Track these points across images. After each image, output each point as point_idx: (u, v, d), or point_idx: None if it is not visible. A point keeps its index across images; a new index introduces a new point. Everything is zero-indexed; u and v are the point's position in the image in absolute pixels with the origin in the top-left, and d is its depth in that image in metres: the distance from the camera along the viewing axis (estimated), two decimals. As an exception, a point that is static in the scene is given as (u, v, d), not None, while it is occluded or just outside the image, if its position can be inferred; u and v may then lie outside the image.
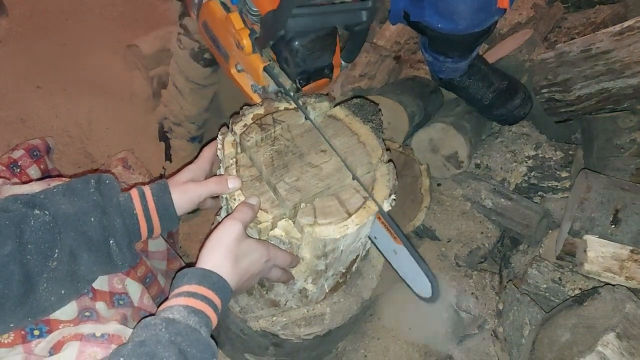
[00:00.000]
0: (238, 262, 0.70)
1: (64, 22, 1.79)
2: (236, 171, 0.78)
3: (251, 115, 0.85)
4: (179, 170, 0.84)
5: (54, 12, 1.82)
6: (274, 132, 0.83)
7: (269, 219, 0.74)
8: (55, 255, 0.64)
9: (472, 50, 1.20)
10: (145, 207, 0.73)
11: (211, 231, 0.72)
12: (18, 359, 0.62)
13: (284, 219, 0.76)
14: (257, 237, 0.76)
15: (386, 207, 0.78)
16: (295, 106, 0.87)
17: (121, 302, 0.74)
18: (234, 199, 0.76)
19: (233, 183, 0.78)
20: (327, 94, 1.53)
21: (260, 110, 0.86)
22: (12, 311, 0.63)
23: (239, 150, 0.81)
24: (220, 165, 0.82)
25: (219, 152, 0.82)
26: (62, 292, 0.67)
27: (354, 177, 0.80)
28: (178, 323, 0.60)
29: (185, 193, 0.76)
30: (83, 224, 0.67)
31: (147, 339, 0.58)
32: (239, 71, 0.97)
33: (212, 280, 0.66)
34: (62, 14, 1.82)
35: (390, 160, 0.83)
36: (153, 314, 0.78)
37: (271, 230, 0.75)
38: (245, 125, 0.83)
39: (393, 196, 0.79)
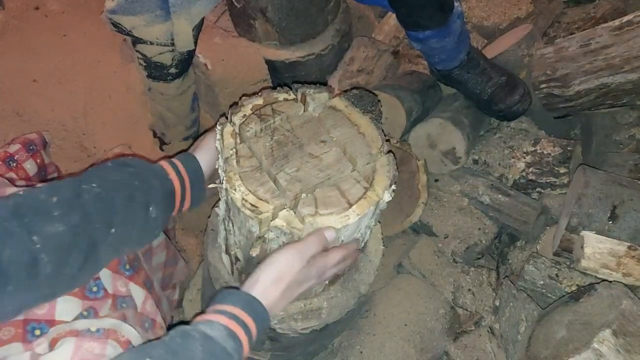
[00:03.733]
0: (289, 291, 0.71)
1: (60, 16, 1.78)
2: (236, 162, 0.78)
3: (250, 106, 0.84)
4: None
5: (50, 6, 1.81)
6: (274, 122, 0.83)
7: (270, 210, 0.73)
8: (115, 221, 0.66)
9: (443, 10, 1.16)
10: (178, 173, 0.76)
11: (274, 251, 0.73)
12: (26, 357, 0.62)
13: (285, 209, 0.75)
14: (258, 229, 0.75)
15: (387, 197, 0.78)
16: (295, 97, 0.87)
17: (124, 304, 0.74)
18: (234, 189, 0.74)
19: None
20: (327, 85, 1.53)
21: (259, 101, 0.85)
22: (72, 280, 0.65)
23: (238, 141, 0.81)
24: (219, 156, 0.81)
25: (217, 143, 0.81)
26: (110, 256, 0.69)
27: (354, 168, 0.80)
28: (216, 344, 0.60)
29: (204, 150, 0.81)
30: (131, 190, 0.68)
31: (181, 350, 0.58)
32: None
33: (257, 310, 0.66)
34: (59, 8, 1.81)
35: (390, 151, 0.83)
36: (155, 320, 0.78)
37: (272, 220, 0.74)
38: (244, 115, 0.83)
39: (393, 186, 0.79)
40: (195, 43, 1.19)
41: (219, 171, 0.80)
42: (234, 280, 0.92)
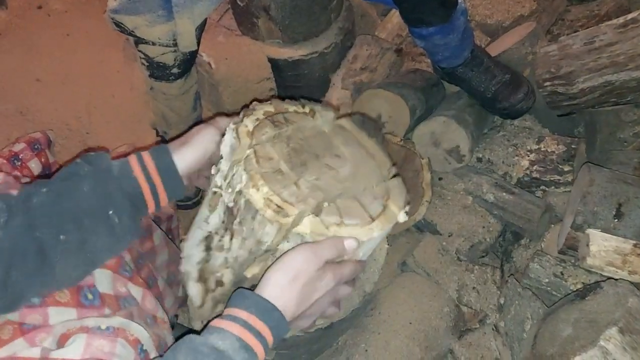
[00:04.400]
0: (304, 294, 0.65)
1: (63, 15, 1.78)
2: (255, 161, 0.72)
3: (262, 111, 0.81)
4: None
5: (53, 5, 1.81)
6: (287, 131, 0.79)
7: (295, 213, 0.68)
8: (65, 228, 0.64)
9: (446, 6, 1.15)
10: (144, 168, 0.70)
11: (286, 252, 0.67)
12: (35, 352, 0.62)
13: (310, 216, 0.68)
14: (273, 238, 0.69)
15: (402, 218, 0.75)
16: (305, 110, 0.85)
17: (127, 304, 0.73)
18: (257, 189, 0.68)
19: (223, 121, 0.77)
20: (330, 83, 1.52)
21: (271, 108, 0.82)
22: (29, 286, 0.63)
23: (254, 142, 0.75)
24: (223, 157, 0.76)
25: (229, 141, 0.75)
26: (78, 265, 0.66)
27: (370, 185, 0.77)
28: (228, 358, 0.57)
29: (188, 145, 0.73)
30: (79, 196, 0.65)
31: None
32: None
33: (274, 317, 0.62)
34: (62, 7, 1.81)
35: (397, 175, 0.81)
36: (155, 316, 0.78)
37: (295, 226, 0.67)
38: (257, 119, 0.79)
39: (407, 208, 0.77)
40: (198, 43, 1.19)
41: (221, 175, 0.74)
42: (205, 313, 0.79)
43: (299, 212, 0.67)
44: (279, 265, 0.65)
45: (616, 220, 1.04)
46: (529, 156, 1.33)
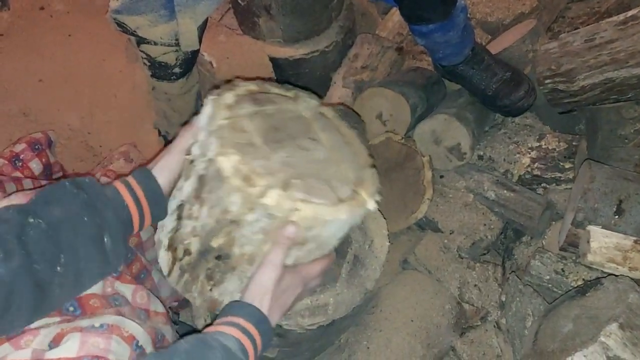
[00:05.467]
0: (281, 304, 0.72)
1: (65, 16, 1.78)
2: (229, 131, 0.72)
3: (244, 89, 0.81)
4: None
5: (55, 6, 1.82)
6: (267, 110, 0.80)
7: (263, 184, 0.67)
8: (62, 260, 0.64)
9: (446, 3, 1.15)
10: (134, 195, 0.72)
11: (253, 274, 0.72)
12: (27, 353, 0.62)
13: (278, 189, 0.68)
14: (239, 207, 0.68)
15: (371, 206, 0.75)
16: (289, 94, 0.86)
17: (116, 302, 0.74)
18: (227, 156, 0.68)
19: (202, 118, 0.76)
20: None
21: (254, 87, 0.83)
22: (27, 319, 0.63)
23: (230, 114, 0.75)
24: (205, 125, 0.75)
25: (208, 109, 0.75)
26: (72, 293, 0.68)
27: (342, 171, 0.78)
28: (234, 355, 0.61)
29: (163, 165, 0.75)
30: (77, 225, 0.66)
31: (201, 357, 0.59)
32: None
33: (265, 327, 0.68)
34: (64, 7, 1.82)
35: (374, 166, 0.82)
36: (148, 310, 0.79)
37: (261, 197, 0.67)
38: (237, 95, 0.79)
39: (378, 198, 0.77)
40: (200, 42, 1.19)
41: (198, 145, 0.74)
42: (173, 282, 0.80)
43: (266, 183, 0.67)
44: (250, 289, 0.71)
45: (617, 216, 1.04)
46: (530, 153, 1.33)
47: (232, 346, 0.62)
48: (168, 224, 0.78)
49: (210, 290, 0.76)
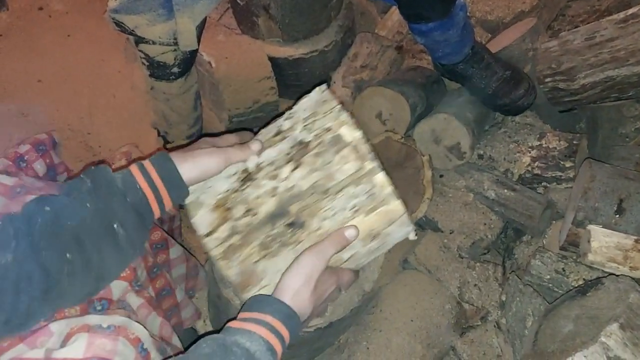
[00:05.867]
0: (316, 294, 0.69)
1: (64, 16, 1.78)
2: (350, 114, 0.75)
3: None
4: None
5: (54, 6, 1.82)
6: None
7: (375, 165, 0.71)
8: (69, 246, 0.64)
9: (445, 1, 1.14)
10: (148, 177, 0.70)
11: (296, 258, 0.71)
12: (40, 352, 0.62)
13: (383, 173, 0.71)
14: (353, 172, 0.71)
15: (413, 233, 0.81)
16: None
17: (126, 308, 0.74)
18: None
19: (256, 146, 0.75)
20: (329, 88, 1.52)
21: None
22: (40, 310, 0.63)
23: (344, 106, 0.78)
24: (295, 110, 0.78)
25: (322, 96, 0.78)
26: (86, 284, 0.66)
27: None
28: None
29: (195, 159, 0.72)
30: (80, 212, 0.65)
31: None
32: None
33: (294, 323, 0.66)
34: (63, 8, 1.82)
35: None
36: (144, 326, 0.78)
37: (372, 175, 0.71)
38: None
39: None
40: (198, 42, 1.19)
41: (293, 120, 0.77)
42: (210, 244, 0.77)
43: (378, 165, 0.71)
44: (291, 270, 0.69)
45: (617, 216, 1.03)
46: (530, 152, 1.33)
47: (257, 348, 0.60)
48: (219, 185, 0.76)
49: (256, 262, 0.73)
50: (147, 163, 0.71)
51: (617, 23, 1.20)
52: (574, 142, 1.30)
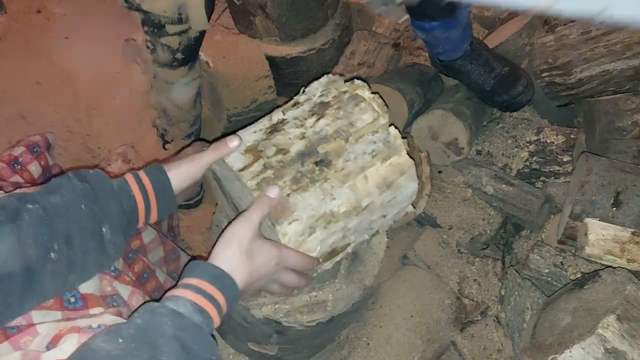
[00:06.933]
0: (250, 260, 0.69)
1: (62, 18, 1.79)
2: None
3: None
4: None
5: (52, 9, 1.83)
6: None
7: (387, 121, 0.82)
8: (55, 247, 0.64)
9: (451, 3, 1.16)
10: (142, 188, 0.72)
11: (225, 228, 0.71)
12: (16, 356, 0.62)
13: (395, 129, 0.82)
14: (371, 121, 0.80)
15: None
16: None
17: (114, 303, 0.74)
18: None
19: (233, 142, 0.77)
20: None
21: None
22: (19, 307, 0.63)
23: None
24: (309, 89, 0.86)
25: (330, 80, 0.86)
26: (66, 282, 0.66)
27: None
28: (184, 318, 0.60)
29: (180, 168, 0.75)
30: (74, 213, 0.66)
31: (150, 327, 0.58)
32: None
33: (224, 282, 0.66)
34: (60, 10, 1.82)
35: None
36: None
37: (387, 126, 0.82)
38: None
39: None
40: (208, 19, 1.18)
41: (307, 94, 0.86)
42: (245, 176, 0.82)
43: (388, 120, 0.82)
44: (224, 238, 0.70)
45: (614, 208, 1.04)
46: (528, 147, 1.33)
47: (183, 310, 0.60)
48: (247, 137, 0.81)
49: (288, 195, 0.76)
50: (142, 174, 0.73)
51: (613, 17, 1.20)
52: (572, 136, 1.31)
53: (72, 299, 0.69)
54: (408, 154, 0.83)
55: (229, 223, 0.72)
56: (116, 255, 0.71)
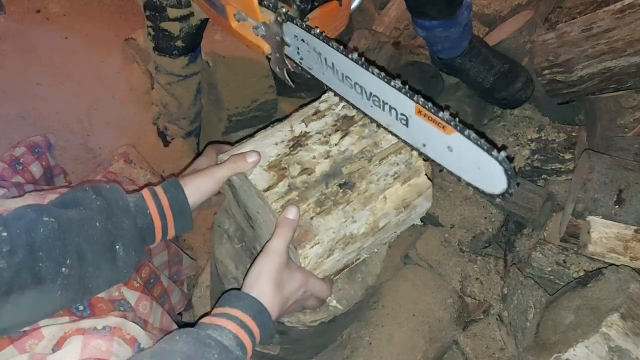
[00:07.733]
0: (280, 291, 0.70)
1: (61, 18, 1.79)
2: None
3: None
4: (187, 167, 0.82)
5: (51, 9, 1.82)
6: None
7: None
8: (67, 262, 0.63)
9: (452, 5, 1.16)
10: (159, 206, 0.71)
11: (254, 259, 0.72)
12: (23, 358, 0.62)
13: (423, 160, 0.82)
14: (394, 143, 0.79)
15: None
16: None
17: (121, 307, 0.74)
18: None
19: (252, 157, 0.76)
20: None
21: None
22: (26, 319, 0.63)
23: None
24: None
25: None
26: (77, 297, 0.66)
27: None
28: (230, 353, 0.60)
29: (197, 183, 0.74)
30: (88, 229, 0.65)
31: (197, 356, 0.58)
32: (238, 21, 0.91)
33: (263, 319, 0.66)
34: (60, 10, 1.82)
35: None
36: (147, 321, 0.78)
37: (410, 158, 0.81)
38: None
39: None
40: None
41: (329, 102, 0.85)
42: (270, 197, 0.80)
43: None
44: (254, 271, 0.70)
45: (617, 206, 1.03)
46: (529, 145, 1.33)
47: (229, 343, 0.61)
48: (269, 151, 0.80)
49: (311, 218, 0.76)
50: (159, 190, 0.72)
51: (614, 13, 1.19)
52: (573, 134, 1.30)
53: (81, 307, 0.70)
54: (426, 174, 0.82)
55: (259, 253, 0.72)
56: (129, 272, 0.71)
